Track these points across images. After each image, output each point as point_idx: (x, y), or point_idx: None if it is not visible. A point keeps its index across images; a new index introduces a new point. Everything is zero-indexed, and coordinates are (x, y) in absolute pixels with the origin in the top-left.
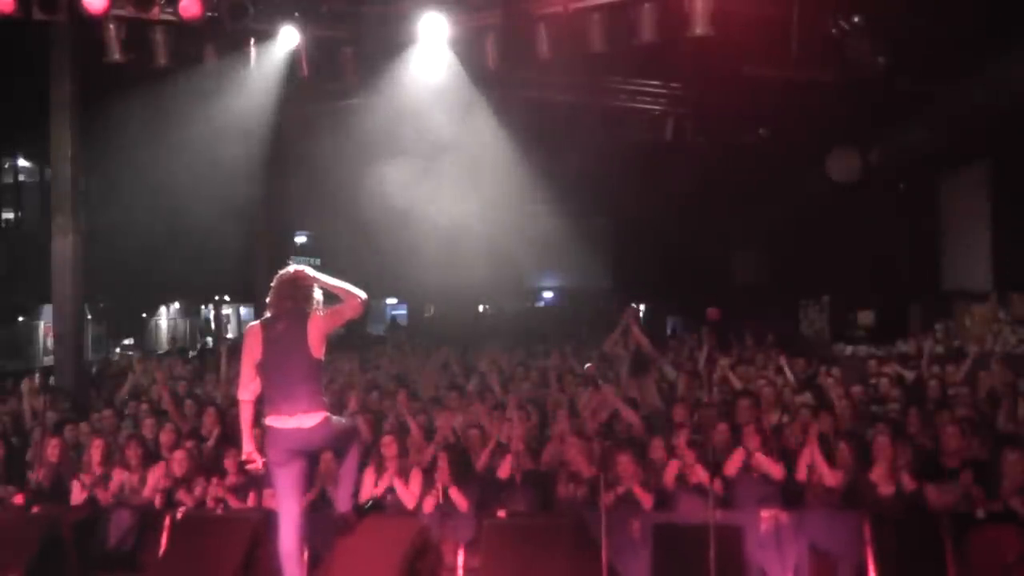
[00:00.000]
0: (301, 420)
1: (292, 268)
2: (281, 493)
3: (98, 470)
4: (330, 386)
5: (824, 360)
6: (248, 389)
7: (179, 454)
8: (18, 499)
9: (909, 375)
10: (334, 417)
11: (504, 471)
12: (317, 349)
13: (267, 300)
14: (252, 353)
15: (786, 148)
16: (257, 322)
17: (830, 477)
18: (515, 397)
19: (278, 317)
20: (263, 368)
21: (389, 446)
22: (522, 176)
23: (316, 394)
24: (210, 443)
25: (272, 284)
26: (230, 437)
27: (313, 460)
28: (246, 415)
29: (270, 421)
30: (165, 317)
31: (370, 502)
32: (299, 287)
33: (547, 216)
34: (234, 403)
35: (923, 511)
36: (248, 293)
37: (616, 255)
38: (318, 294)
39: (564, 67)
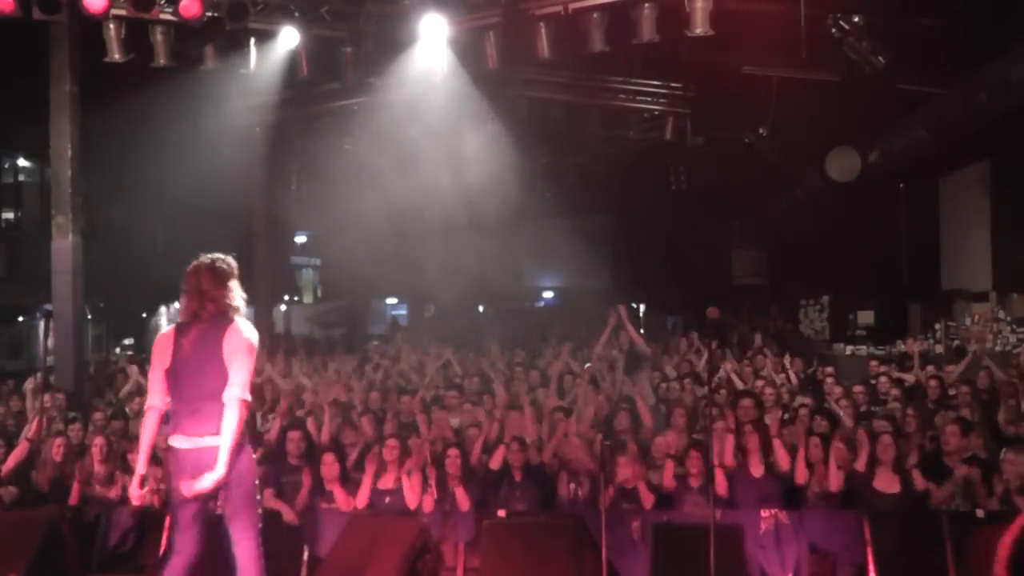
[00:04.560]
0: (209, 442)
1: (207, 259)
2: (180, 526)
3: (99, 469)
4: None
5: (823, 360)
6: (157, 397)
7: None
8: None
9: (908, 378)
10: (247, 449)
11: (496, 462)
12: (231, 361)
13: (180, 301)
14: (161, 360)
15: (786, 148)
16: (171, 327)
17: (834, 478)
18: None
19: (191, 321)
20: (171, 379)
21: (392, 449)
22: (522, 176)
23: None
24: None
25: (186, 279)
26: None
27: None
28: (148, 425)
29: (174, 442)
30: (165, 317)
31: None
32: (214, 282)
33: (547, 216)
34: None
35: (923, 510)
36: (248, 293)
37: (616, 254)
38: (239, 294)
39: (564, 67)
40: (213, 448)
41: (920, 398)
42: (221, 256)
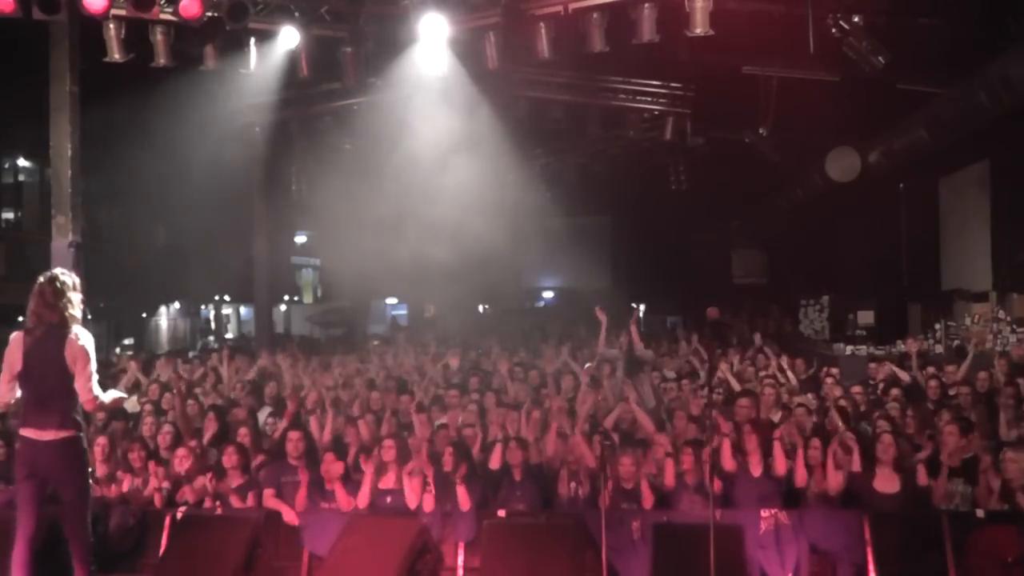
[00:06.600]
0: (54, 434)
1: (49, 274)
2: (22, 506)
3: (101, 469)
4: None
5: (824, 360)
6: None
7: (181, 451)
8: None
9: (904, 376)
10: (85, 447)
11: (495, 462)
12: (74, 367)
13: (28, 309)
14: (12, 363)
15: (786, 148)
16: (19, 331)
17: (832, 479)
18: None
19: (37, 327)
20: (22, 379)
21: (389, 449)
22: (522, 176)
23: (70, 411)
24: (206, 442)
25: (33, 291)
26: (229, 437)
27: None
28: None
29: (25, 433)
30: (165, 317)
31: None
32: (54, 294)
33: (547, 216)
34: (236, 403)
35: (923, 510)
36: (248, 293)
37: (616, 254)
38: (78, 305)
39: (564, 67)
40: (53, 442)
41: (920, 398)
42: (64, 271)
